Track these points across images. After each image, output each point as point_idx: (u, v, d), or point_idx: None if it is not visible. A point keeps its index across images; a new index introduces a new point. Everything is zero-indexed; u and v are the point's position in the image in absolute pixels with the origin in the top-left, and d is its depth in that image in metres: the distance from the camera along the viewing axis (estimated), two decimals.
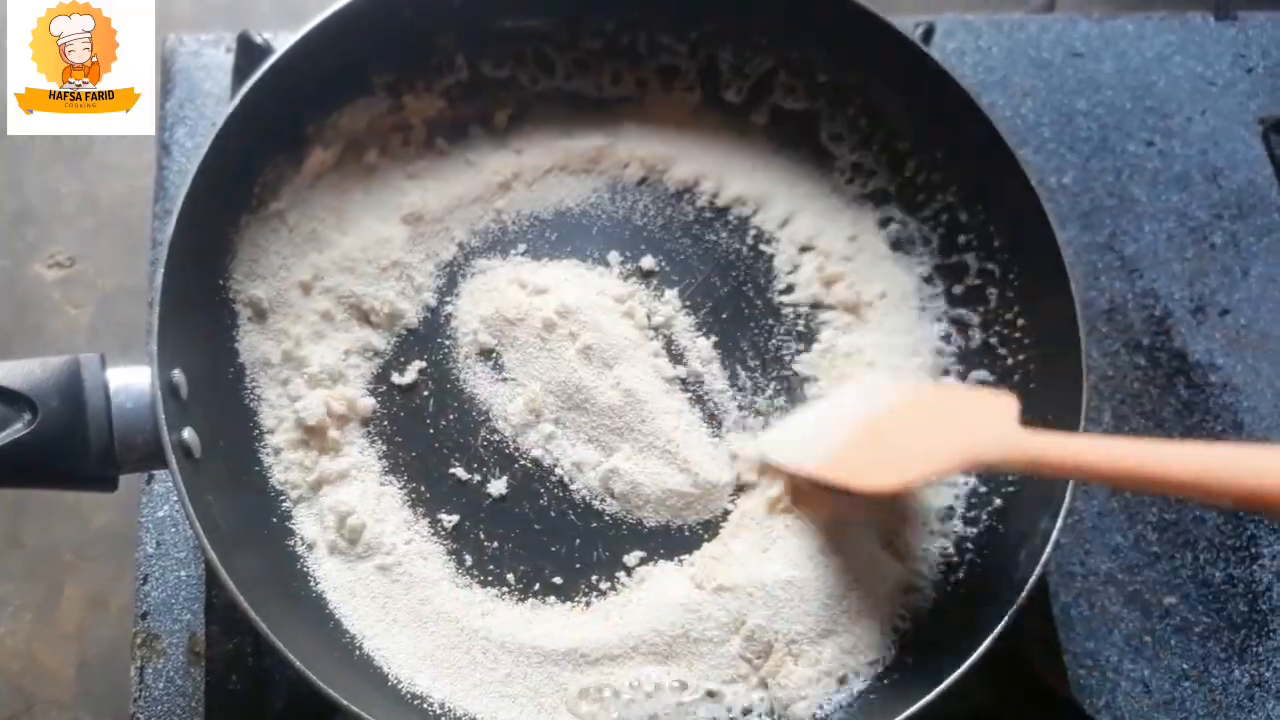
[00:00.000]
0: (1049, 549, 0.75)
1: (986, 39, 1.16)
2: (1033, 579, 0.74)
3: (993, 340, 0.91)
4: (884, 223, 0.96)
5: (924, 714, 0.71)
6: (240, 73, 0.95)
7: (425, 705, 0.77)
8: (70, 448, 0.71)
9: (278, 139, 0.88)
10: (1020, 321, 0.89)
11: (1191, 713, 0.92)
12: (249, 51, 0.94)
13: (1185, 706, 0.92)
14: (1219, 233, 1.09)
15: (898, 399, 0.85)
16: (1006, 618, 0.73)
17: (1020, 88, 1.14)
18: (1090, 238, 1.08)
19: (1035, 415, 0.85)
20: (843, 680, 0.80)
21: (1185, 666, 0.93)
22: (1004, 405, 0.75)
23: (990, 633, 0.73)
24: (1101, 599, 0.95)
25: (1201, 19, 1.19)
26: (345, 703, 0.68)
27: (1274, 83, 1.17)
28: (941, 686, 0.71)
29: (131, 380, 0.73)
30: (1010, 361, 0.90)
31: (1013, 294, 0.90)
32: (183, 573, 0.90)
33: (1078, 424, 0.79)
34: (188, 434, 0.74)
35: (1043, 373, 0.87)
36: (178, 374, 0.75)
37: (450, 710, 0.77)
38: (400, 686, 0.78)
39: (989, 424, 0.75)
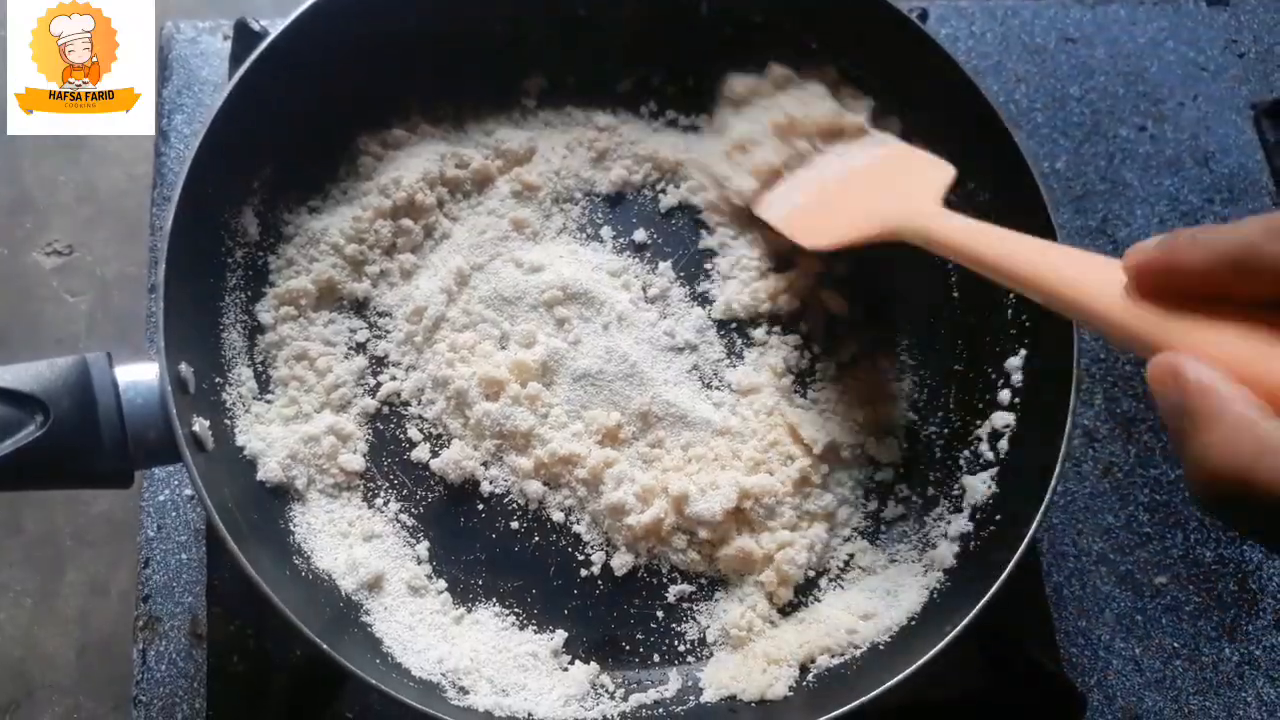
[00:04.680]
0: (1033, 526, 0.76)
1: (980, 24, 1.17)
2: (1018, 553, 0.75)
3: (981, 321, 0.92)
4: None
5: (914, 689, 0.72)
6: (238, 60, 0.95)
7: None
8: (84, 447, 0.72)
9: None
10: (1012, 301, 0.90)
11: (1182, 690, 0.93)
12: (246, 38, 0.94)
13: (1176, 684, 0.93)
14: (1210, 217, 1.10)
15: (867, 159, 0.89)
16: (990, 592, 0.74)
17: (1013, 73, 1.15)
18: (1083, 222, 1.09)
19: (1027, 394, 0.87)
20: (813, 662, 0.81)
21: (1176, 645, 0.94)
22: (934, 177, 0.78)
23: (976, 605, 0.74)
24: (1093, 579, 0.96)
25: (1193, 4, 1.20)
26: (355, 670, 0.69)
27: (1265, 68, 1.17)
28: (926, 656, 0.72)
29: (140, 376, 0.74)
30: (1001, 345, 0.90)
31: None
32: (184, 556, 0.91)
33: (1068, 407, 0.79)
34: (198, 426, 0.75)
35: (1034, 356, 0.87)
36: (184, 367, 0.76)
37: (457, 681, 0.78)
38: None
39: (914, 196, 0.78)
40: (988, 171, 0.90)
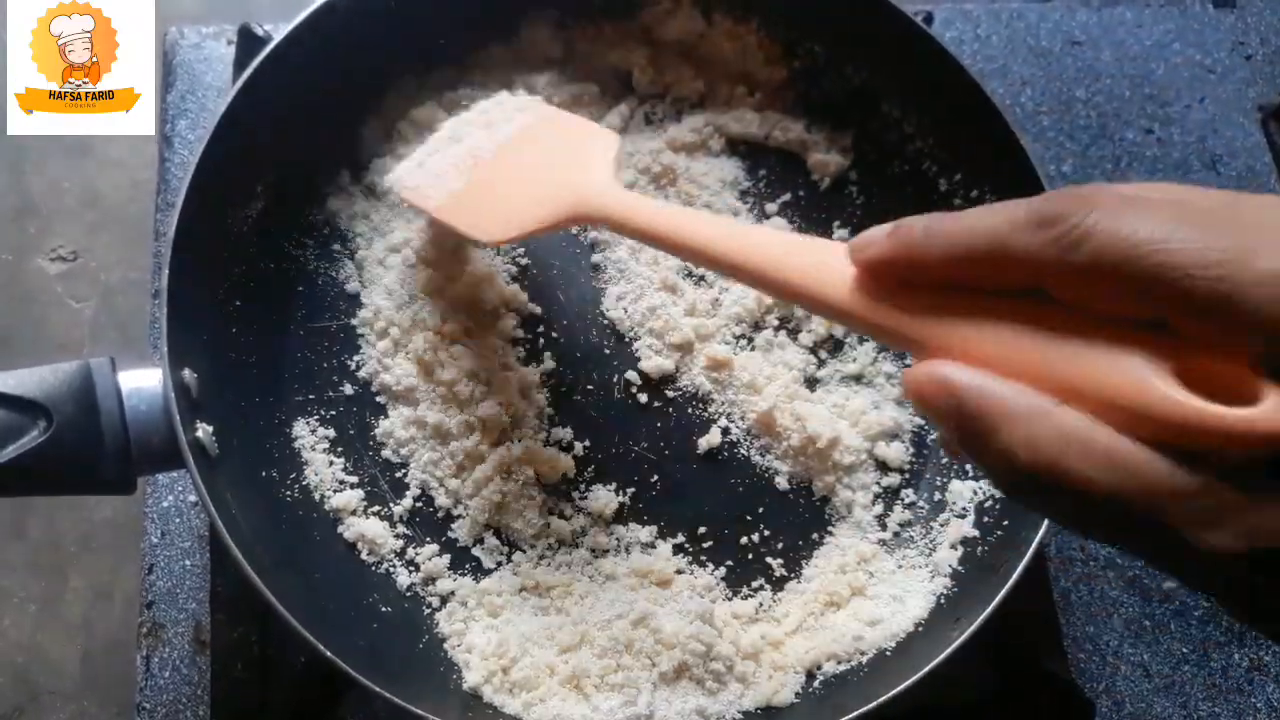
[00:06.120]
0: (1040, 531, 0.76)
1: (985, 28, 1.17)
2: (1025, 558, 0.75)
3: None
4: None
5: (921, 695, 0.72)
6: (241, 65, 0.95)
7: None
8: (87, 453, 0.71)
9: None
10: None
11: (1191, 696, 0.92)
12: (250, 43, 0.94)
13: (1185, 690, 0.93)
14: None
15: (516, 129, 0.80)
16: (998, 598, 0.74)
17: (1019, 76, 1.15)
18: None
19: None
20: (819, 668, 0.81)
21: (1185, 650, 0.94)
22: (600, 147, 0.73)
23: (983, 611, 0.73)
24: (1101, 584, 0.95)
25: (1200, 6, 1.19)
26: (359, 677, 0.68)
27: (1273, 70, 1.17)
28: (933, 663, 0.72)
29: (143, 382, 0.73)
30: None
31: None
32: (187, 562, 0.91)
33: None
34: (201, 433, 0.75)
35: None
36: (188, 373, 0.75)
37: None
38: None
39: (586, 171, 0.71)
40: (993, 175, 0.89)
